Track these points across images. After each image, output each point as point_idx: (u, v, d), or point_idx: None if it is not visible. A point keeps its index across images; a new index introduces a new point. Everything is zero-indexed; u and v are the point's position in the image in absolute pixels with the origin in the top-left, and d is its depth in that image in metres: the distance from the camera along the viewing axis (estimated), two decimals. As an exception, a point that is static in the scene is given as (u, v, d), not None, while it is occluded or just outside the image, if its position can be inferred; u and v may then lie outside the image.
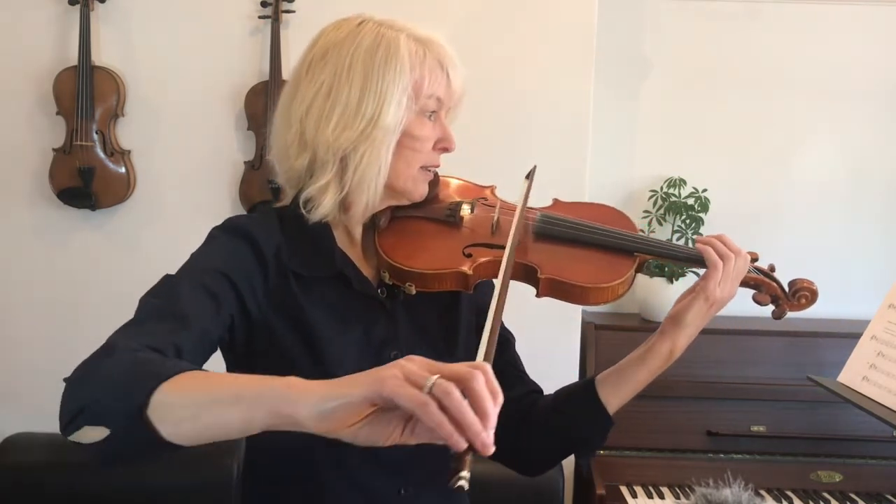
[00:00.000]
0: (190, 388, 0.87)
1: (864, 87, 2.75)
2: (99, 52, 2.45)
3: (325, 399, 0.78)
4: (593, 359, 2.45)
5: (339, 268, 1.19)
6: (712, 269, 1.21)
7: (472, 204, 1.28)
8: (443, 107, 1.20)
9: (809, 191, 2.79)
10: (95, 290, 2.55)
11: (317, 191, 1.16)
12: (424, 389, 0.74)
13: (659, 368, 1.25)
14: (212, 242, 1.18)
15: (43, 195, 2.49)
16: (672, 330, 1.24)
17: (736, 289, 1.24)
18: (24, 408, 2.57)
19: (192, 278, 1.10)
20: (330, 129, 1.13)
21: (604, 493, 2.22)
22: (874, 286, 2.23)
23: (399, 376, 0.75)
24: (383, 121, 1.13)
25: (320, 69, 1.16)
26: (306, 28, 2.46)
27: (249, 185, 2.46)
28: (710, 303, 1.22)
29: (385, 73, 1.13)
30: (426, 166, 1.21)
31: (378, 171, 1.15)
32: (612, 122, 2.72)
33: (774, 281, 1.29)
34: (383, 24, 1.18)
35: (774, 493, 2.25)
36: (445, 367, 0.77)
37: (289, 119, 1.18)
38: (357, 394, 0.76)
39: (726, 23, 2.73)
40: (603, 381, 1.27)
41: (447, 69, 1.18)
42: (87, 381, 0.94)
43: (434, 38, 1.19)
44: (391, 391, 0.75)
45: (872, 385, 1.44)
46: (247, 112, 2.44)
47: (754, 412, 2.35)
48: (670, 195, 2.68)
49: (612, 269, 1.22)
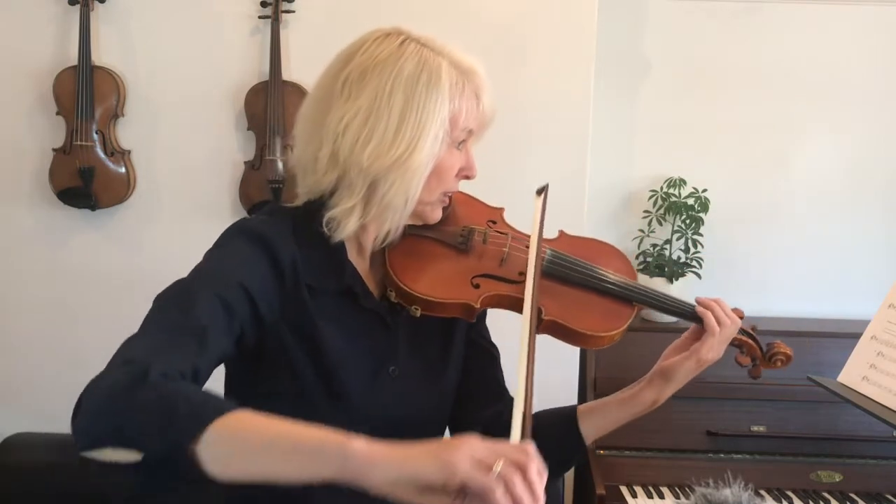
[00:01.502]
0: (244, 432, 0.88)
1: (864, 87, 2.75)
2: (99, 52, 2.45)
3: (399, 473, 0.82)
4: (593, 360, 2.45)
5: (349, 283, 1.19)
6: (709, 335, 1.26)
7: (484, 234, 1.28)
8: (472, 136, 1.21)
9: (809, 191, 2.79)
10: (95, 290, 2.55)
11: (342, 213, 1.15)
12: (493, 475, 0.80)
13: (640, 413, 1.31)
14: (228, 246, 1.15)
15: (43, 195, 2.49)
16: (660, 383, 1.29)
17: (723, 350, 1.29)
18: (24, 408, 2.58)
19: (210, 288, 1.07)
20: (366, 154, 1.12)
21: (604, 493, 2.21)
22: (874, 286, 2.23)
23: (470, 462, 0.81)
24: (418, 153, 1.12)
25: (358, 89, 1.14)
26: (306, 28, 2.46)
27: (249, 185, 2.46)
28: (701, 364, 1.27)
29: (426, 103, 1.13)
30: (446, 193, 1.21)
31: (405, 200, 1.15)
32: (612, 122, 2.72)
33: (756, 343, 1.35)
34: (425, 46, 1.17)
35: (774, 493, 2.25)
36: (506, 450, 0.83)
37: (321, 134, 1.16)
38: (430, 475, 0.81)
39: (726, 23, 2.73)
40: (584, 415, 1.31)
41: (482, 99, 1.19)
42: (122, 408, 0.91)
43: (474, 68, 1.19)
44: (465, 476, 0.80)
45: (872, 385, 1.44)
46: (247, 112, 2.44)
47: (754, 412, 2.35)
48: (670, 195, 2.68)
49: (612, 317, 1.25)
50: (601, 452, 2.31)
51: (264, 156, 2.43)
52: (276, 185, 2.43)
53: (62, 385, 2.62)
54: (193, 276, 1.11)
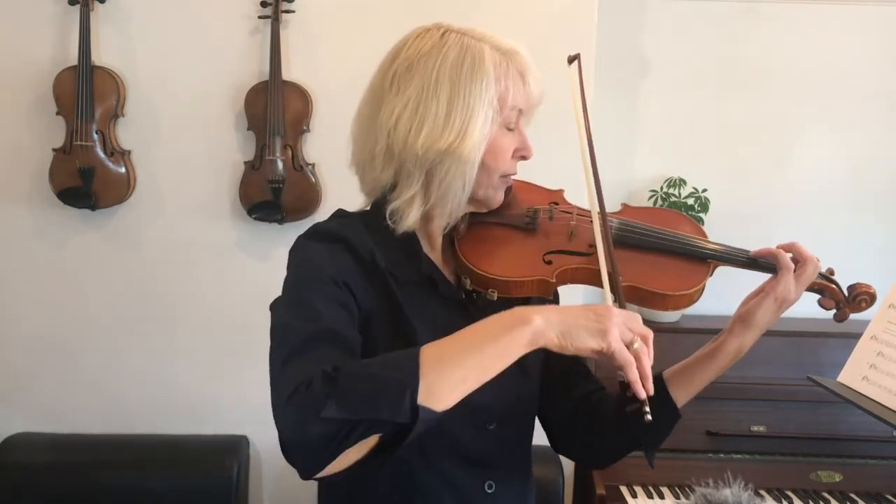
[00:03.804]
0: (446, 359, 0.98)
1: (864, 87, 2.75)
2: (99, 52, 2.45)
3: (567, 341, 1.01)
4: (593, 360, 2.44)
5: (428, 272, 1.21)
6: (785, 271, 1.26)
7: (550, 211, 1.30)
8: (522, 116, 1.22)
9: (809, 190, 2.80)
10: (95, 290, 2.55)
11: (403, 203, 1.17)
12: (631, 350, 1.02)
13: (727, 366, 1.29)
14: (310, 251, 1.17)
15: (43, 195, 2.49)
16: (741, 330, 1.28)
17: (802, 292, 1.29)
18: (24, 408, 2.58)
19: (319, 293, 1.10)
20: (419, 143, 1.14)
21: (604, 493, 2.22)
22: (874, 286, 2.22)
23: (618, 337, 1.01)
24: (470, 135, 1.14)
25: (406, 82, 1.17)
26: (306, 28, 2.46)
27: (249, 185, 2.46)
28: (780, 302, 1.27)
29: (472, 86, 1.15)
30: (505, 175, 1.22)
31: (463, 184, 1.16)
32: (612, 122, 2.72)
33: (837, 286, 1.34)
34: (466, 34, 1.19)
35: (774, 493, 2.25)
36: (637, 327, 1.04)
37: (375, 131, 1.18)
38: (591, 345, 1.01)
39: (726, 23, 2.73)
40: (672, 380, 1.31)
41: (527, 79, 1.21)
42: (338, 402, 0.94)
43: (516, 48, 1.21)
44: (614, 350, 1.01)
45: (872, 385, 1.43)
46: (247, 112, 2.44)
47: (754, 412, 2.35)
48: (670, 195, 2.68)
49: (689, 276, 1.26)
50: (601, 452, 2.31)
51: (264, 156, 2.43)
52: (276, 185, 2.43)
53: (62, 385, 2.63)
54: (296, 287, 1.12)
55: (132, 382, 2.57)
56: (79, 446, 2.52)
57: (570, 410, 1.35)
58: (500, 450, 1.24)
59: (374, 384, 0.96)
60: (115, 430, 2.57)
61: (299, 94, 2.43)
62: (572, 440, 1.39)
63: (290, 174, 2.44)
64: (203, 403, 2.59)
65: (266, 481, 2.64)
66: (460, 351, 0.99)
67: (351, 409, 0.94)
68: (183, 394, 2.59)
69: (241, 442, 2.54)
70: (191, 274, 2.55)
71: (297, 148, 2.45)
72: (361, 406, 0.94)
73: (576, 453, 1.43)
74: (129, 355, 2.56)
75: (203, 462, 2.49)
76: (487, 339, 1.00)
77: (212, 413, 2.58)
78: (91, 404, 2.58)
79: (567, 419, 1.36)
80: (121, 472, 2.46)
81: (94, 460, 2.49)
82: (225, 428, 2.57)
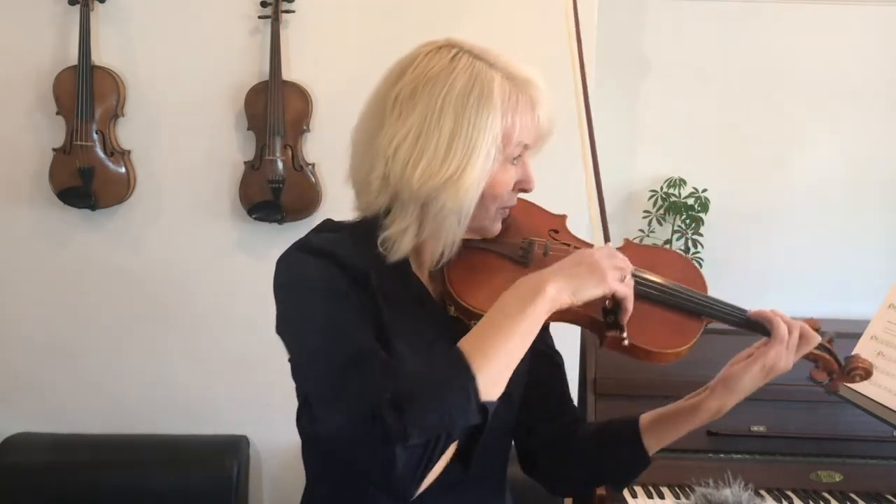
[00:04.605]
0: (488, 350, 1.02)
1: (864, 87, 2.75)
2: (99, 52, 2.45)
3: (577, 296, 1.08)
4: (593, 360, 2.45)
5: (417, 293, 1.19)
6: (776, 341, 1.21)
7: (545, 246, 1.24)
8: (528, 149, 1.18)
9: (809, 191, 2.80)
10: (95, 290, 2.55)
11: (396, 233, 1.14)
12: (626, 282, 1.11)
13: (703, 423, 1.27)
14: (306, 266, 1.13)
15: (43, 195, 2.49)
16: (723, 392, 1.25)
17: (793, 361, 1.23)
18: (24, 408, 2.58)
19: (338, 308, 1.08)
20: (416, 175, 1.09)
21: (604, 494, 2.21)
22: (874, 286, 2.22)
23: (616, 278, 1.09)
24: (470, 172, 1.10)
25: (409, 108, 1.12)
26: (306, 28, 2.46)
27: (249, 185, 2.46)
28: (767, 371, 1.22)
29: (477, 121, 1.10)
30: (503, 208, 1.19)
31: (458, 221, 1.12)
32: (612, 122, 2.72)
33: (833, 356, 1.27)
34: (479, 59, 1.14)
35: (774, 493, 2.25)
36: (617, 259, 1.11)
37: (373, 154, 1.14)
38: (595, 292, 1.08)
39: (726, 23, 2.73)
40: (647, 428, 1.29)
41: (538, 111, 1.16)
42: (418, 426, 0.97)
43: (530, 78, 1.16)
44: (617, 289, 1.09)
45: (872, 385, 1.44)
46: (247, 112, 2.44)
47: (754, 412, 2.34)
48: (670, 195, 2.68)
49: (681, 334, 1.20)
50: (601, 452, 2.31)
51: (264, 156, 2.43)
52: (276, 185, 2.43)
53: (62, 385, 2.63)
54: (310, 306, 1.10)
55: (132, 382, 2.57)
56: (79, 446, 2.52)
57: (546, 438, 1.33)
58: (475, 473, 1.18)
59: (437, 396, 0.98)
60: (115, 430, 2.57)
61: (299, 94, 2.43)
62: (543, 467, 1.37)
63: (290, 174, 2.44)
64: (203, 403, 2.59)
65: (266, 481, 2.64)
66: (494, 336, 1.03)
67: (430, 429, 0.97)
68: (183, 394, 2.59)
69: (240, 442, 2.54)
70: (191, 274, 2.55)
71: (297, 148, 2.45)
72: (436, 422, 0.97)
73: (543, 479, 1.39)
74: (129, 355, 2.57)
75: (203, 462, 2.49)
76: (514, 318, 1.04)
77: (212, 413, 2.58)
78: (91, 404, 2.58)
79: (541, 446, 1.35)
80: (121, 472, 2.46)
81: (94, 460, 2.49)
82: (225, 428, 2.57)
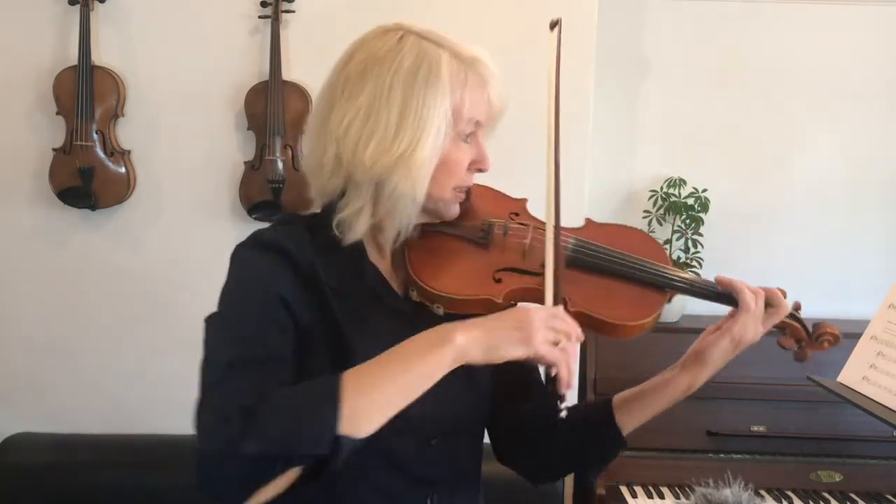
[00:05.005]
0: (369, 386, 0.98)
1: (864, 87, 2.75)
2: (99, 52, 2.45)
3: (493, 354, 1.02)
4: (593, 359, 2.45)
5: (372, 284, 1.18)
6: (742, 311, 1.21)
7: (505, 225, 1.24)
8: (481, 127, 1.18)
9: (809, 191, 2.79)
10: (95, 290, 2.55)
11: (350, 214, 1.14)
12: (559, 349, 1.04)
13: (677, 399, 1.26)
14: (248, 262, 1.14)
15: (43, 195, 2.49)
16: (695, 368, 1.24)
17: (762, 331, 1.23)
18: (24, 408, 2.58)
19: (254, 312, 1.08)
20: (367, 154, 1.10)
21: (604, 493, 2.22)
22: (874, 286, 2.22)
23: (543, 341, 1.02)
24: (421, 149, 1.10)
25: (359, 88, 1.13)
26: (306, 28, 2.46)
27: (249, 185, 2.46)
28: (736, 342, 1.22)
29: (425, 97, 1.10)
30: (459, 187, 1.18)
31: (413, 198, 1.12)
32: (612, 122, 2.72)
33: (800, 323, 1.28)
34: (425, 38, 1.14)
35: (774, 493, 2.25)
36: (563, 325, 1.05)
37: (325, 136, 1.15)
38: (517, 353, 1.02)
39: (726, 23, 2.73)
40: (620, 408, 1.28)
41: (488, 89, 1.16)
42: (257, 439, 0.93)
43: (477, 55, 1.16)
44: (542, 354, 1.02)
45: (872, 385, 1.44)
46: (247, 112, 2.44)
47: (754, 412, 2.35)
48: (670, 195, 2.68)
49: (643, 306, 1.19)
50: (601, 452, 2.31)
51: (264, 156, 2.43)
52: (276, 185, 2.43)
53: (62, 385, 2.63)
54: (230, 305, 1.11)
55: (132, 382, 2.57)
56: (79, 446, 2.52)
57: (518, 423, 1.32)
58: (444, 464, 1.20)
59: (294, 416, 0.94)
60: (115, 430, 2.56)
61: (299, 94, 2.43)
62: (515, 453, 1.36)
63: (290, 174, 2.44)
64: (203, 403, 2.58)
65: (266, 481, 2.63)
66: (383, 374, 0.99)
67: (269, 444, 0.92)
68: (183, 394, 2.56)
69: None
70: (191, 274, 2.55)
71: (298, 148, 2.45)
72: (280, 441, 0.93)
73: (519, 468, 1.38)
74: (129, 355, 2.56)
75: (203, 462, 2.48)
76: (410, 361, 0.99)
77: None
78: (91, 404, 2.58)
79: (513, 432, 1.34)
80: (121, 472, 2.46)
81: (94, 460, 2.49)
82: (225, 428, 2.57)
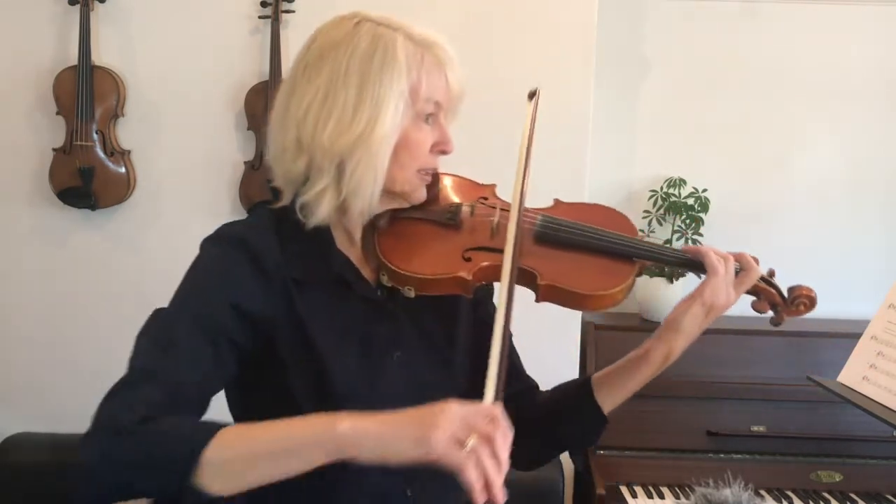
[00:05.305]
0: (236, 448, 0.95)
1: (864, 87, 2.75)
2: (99, 52, 2.45)
3: (383, 452, 0.92)
4: (593, 359, 2.45)
5: (338, 271, 1.18)
6: (711, 275, 1.20)
7: (472, 206, 1.26)
8: (441, 109, 1.18)
9: (809, 191, 2.79)
10: (95, 290, 2.55)
11: (314, 196, 1.15)
12: (465, 451, 0.88)
13: (655, 372, 1.25)
14: (207, 259, 1.15)
15: (43, 195, 2.49)
16: (669, 335, 1.23)
17: (734, 296, 1.22)
18: (24, 408, 2.58)
19: (189, 317, 1.08)
20: (326, 134, 1.12)
21: (604, 493, 2.21)
22: (874, 286, 2.23)
23: (445, 440, 0.89)
24: (380, 127, 1.11)
25: (317, 72, 1.15)
26: (306, 28, 2.43)
27: (249, 185, 2.46)
28: (708, 308, 1.21)
29: (381, 77, 1.12)
30: (423, 170, 1.18)
31: (374, 177, 1.13)
32: (612, 122, 2.72)
33: (774, 288, 1.27)
34: (381, 24, 1.16)
35: (774, 493, 2.25)
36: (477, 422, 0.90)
37: (286, 121, 1.17)
38: (410, 453, 0.90)
39: (726, 23, 2.73)
40: (599, 383, 1.28)
41: (446, 71, 1.17)
42: (113, 463, 0.97)
43: (433, 38, 1.17)
44: (441, 455, 0.89)
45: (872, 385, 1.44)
46: (247, 112, 2.44)
47: (754, 412, 2.35)
48: (670, 195, 2.68)
49: (612, 275, 1.20)
50: (601, 452, 2.31)
51: (264, 156, 2.43)
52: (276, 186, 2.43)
53: (62, 385, 2.63)
54: (174, 306, 1.10)
55: (132, 382, 2.57)
56: (79, 446, 2.52)
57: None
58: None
59: (154, 452, 0.96)
60: (115, 430, 2.56)
61: (299, 94, 2.43)
62: None
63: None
64: (203, 403, 2.58)
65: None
66: (255, 439, 0.97)
67: (121, 467, 0.96)
68: (183, 394, 2.58)
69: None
70: (191, 274, 2.55)
71: (297, 148, 2.45)
72: (134, 470, 0.96)
73: None
74: (128, 355, 2.56)
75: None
76: (291, 439, 0.96)
77: (211, 412, 2.58)
78: (91, 404, 2.55)
79: None
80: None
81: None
82: (225, 428, 2.57)
